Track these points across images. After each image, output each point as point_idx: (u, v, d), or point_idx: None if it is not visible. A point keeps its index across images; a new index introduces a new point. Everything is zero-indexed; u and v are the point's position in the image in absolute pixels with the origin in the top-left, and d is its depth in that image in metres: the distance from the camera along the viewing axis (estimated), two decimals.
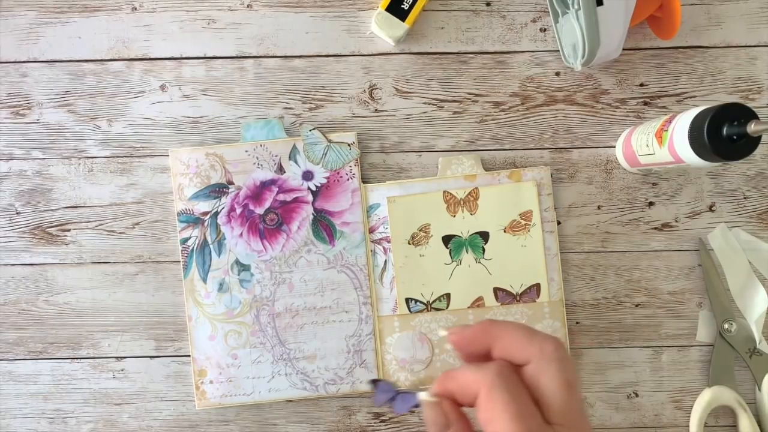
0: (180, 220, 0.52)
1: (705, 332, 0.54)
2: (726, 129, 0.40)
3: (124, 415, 0.53)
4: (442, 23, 0.54)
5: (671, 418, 0.54)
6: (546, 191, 0.53)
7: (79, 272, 0.53)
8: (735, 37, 0.54)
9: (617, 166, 0.54)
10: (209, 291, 0.52)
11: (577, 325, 0.54)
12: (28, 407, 0.53)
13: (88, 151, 0.53)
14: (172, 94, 0.53)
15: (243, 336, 0.52)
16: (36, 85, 0.53)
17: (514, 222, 0.53)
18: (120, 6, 0.53)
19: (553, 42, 0.54)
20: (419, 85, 0.54)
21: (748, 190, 0.54)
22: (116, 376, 0.53)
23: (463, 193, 0.53)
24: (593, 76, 0.54)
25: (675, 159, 0.45)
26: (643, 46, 0.54)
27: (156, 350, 0.53)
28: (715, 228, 0.53)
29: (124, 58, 0.53)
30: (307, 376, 0.52)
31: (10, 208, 0.53)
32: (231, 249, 0.52)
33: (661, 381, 0.54)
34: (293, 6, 0.54)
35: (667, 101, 0.54)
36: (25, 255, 0.53)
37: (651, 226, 0.54)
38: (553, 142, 0.54)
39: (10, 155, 0.53)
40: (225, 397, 0.52)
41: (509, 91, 0.54)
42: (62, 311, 0.53)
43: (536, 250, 0.53)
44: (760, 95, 0.54)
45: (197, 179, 0.52)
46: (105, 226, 0.53)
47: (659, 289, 0.54)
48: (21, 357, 0.53)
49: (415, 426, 0.54)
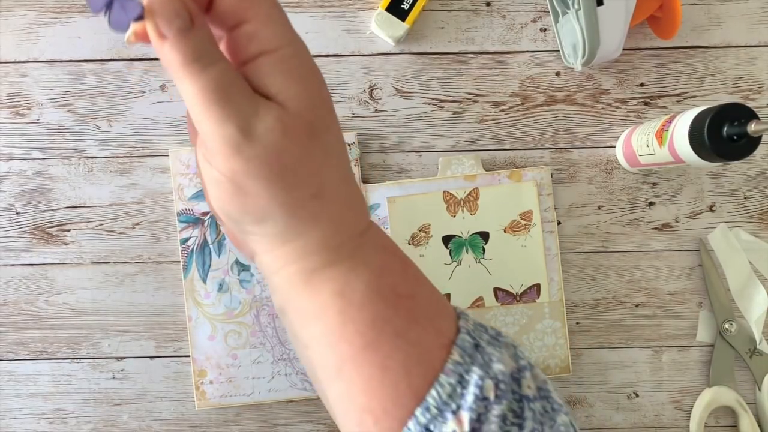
0: (180, 220, 0.52)
1: (705, 332, 0.54)
2: (726, 129, 0.40)
3: (123, 415, 0.53)
4: (442, 23, 0.54)
5: (671, 418, 0.54)
6: (546, 191, 0.53)
7: (78, 272, 0.53)
8: (735, 37, 0.54)
9: (617, 166, 0.54)
10: (209, 291, 0.52)
11: (577, 325, 0.54)
12: (28, 407, 0.53)
13: (88, 151, 0.53)
14: (172, 93, 0.53)
15: (243, 336, 0.52)
16: (36, 85, 0.53)
17: (514, 222, 0.53)
18: None
19: (553, 42, 0.54)
20: (419, 85, 0.54)
21: (749, 190, 0.54)
22: (116, 377, 0.53)
23: (463, 193, 0.53)
24: (593, 76, 0.54)
25: (675, 159, 0.45)
26: (643, 46, 0.54)
27: (156, 350, 0.53)
28: (716, 228, 0.53)
29: (124, 58, 0.53)
30: (307, 376, 0.52)
31: (10, 208, 0.53)
32: (231, 249, 0.52)
33: (661, 381, 0.54)
34: (293, 6, 0.54)
35: (668, 101, 0.54)
36: (25, 255, 0.53)
37: (651, 227, 0.54)
38: (554, 142, 0.54)
39: (10, 155, 0.53)
40: (225, 398, 0.52)
41: (509, 91, 0.54)
42: (62, 311, 0.53)
43: (536, 250, 0.53)
44: (761, 95, 0.54)
45: (197, 179, 0.52)
46: (105, 226, 0.53)
47: (659, 290, 0.54)
48: (21, 357, 0.53)
49: None
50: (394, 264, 0.28)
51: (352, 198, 0.27)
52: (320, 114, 0.25)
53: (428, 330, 0.27)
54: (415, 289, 0.28)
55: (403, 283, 0.28)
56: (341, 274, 0.27)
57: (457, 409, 0.25)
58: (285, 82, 0.24)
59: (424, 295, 0.28)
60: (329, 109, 0.26)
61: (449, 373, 0.26)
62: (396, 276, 0.28)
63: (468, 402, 0.25)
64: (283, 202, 0.25)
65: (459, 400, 0.25)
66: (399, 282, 0.27)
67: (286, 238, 0.26)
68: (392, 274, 0.28)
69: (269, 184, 0.24)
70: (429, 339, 0.27)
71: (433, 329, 0.27)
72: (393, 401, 0.26)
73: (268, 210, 0.25)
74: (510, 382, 0.27)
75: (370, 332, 0.26)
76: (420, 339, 0.26)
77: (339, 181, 0.26)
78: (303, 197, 0.25)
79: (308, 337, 0.27)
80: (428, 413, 0.25)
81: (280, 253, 0.27)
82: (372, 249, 0.28)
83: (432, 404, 0.25)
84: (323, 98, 0.26)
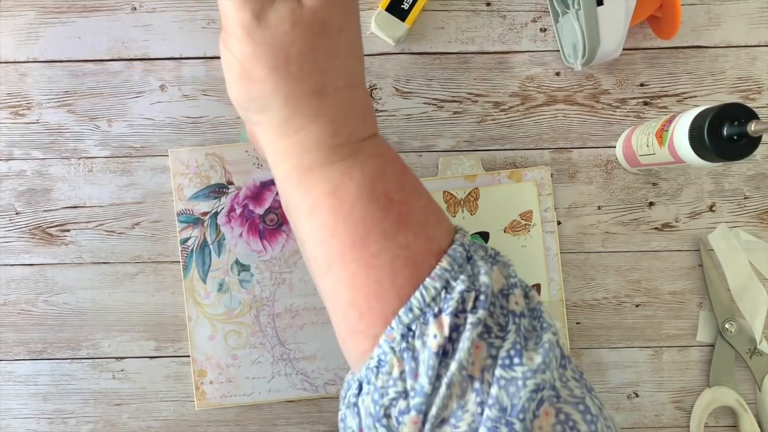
0: (180, 220, 0.52)
1: (705, 332, 0.54)
2: (726, 129, 0.40)
3: (123, 415, 0.53)
4: (442, 23, 0.54)
5: (671, 418, 0.54)
6: (546, 191, 0.53)
7: (78, 272, 0.53)
8: (735, 37, 0.54)
9: (617, 166, 0.54)
10: (209, 291, 0.52)
11: (577, 325, 0.54)
12: (28, 407, 0.53)
13: (88, 151, 0.53)
14: (171, 94, 0.53)
15: (243, 336, 0.52)
16: (36, 85, 0.53)
17: (514, 222, 0.53)
18: (120, 6, 0.53)
19: (553, 42, 0.54)
20: (419, 85, 0.54)
21: (749, 190, 0.54)
22: (116, 377, 0.53)
23: (463, 193, 0.53)
24: (593, 76, 0.54)
25: (675, 159, 0.45)
26: (643, 46, 0.54)
27: (156, 350, 0.53)
28: (716, 228, 0.53)
29: (124, 58, 0.53)
30: (307, 376, 0.52)
31: (10, 208, 0.53)
32: (231, 249, 0.52)
33: (661, 381, 0.54)
34: None
35: (668, 101, 0.54)
36: (24, 255, 0.53)
37: (651, 227, 0.54)
38: (554, 142, 0.54)
39: (10, 155, 0.53)
40: (225, 398, 0.52)
41: (509, 91, 0.54)
42: (62, 311, 0.53)
43: (536, 250, 0.53)
44: (761, 95, 0.54)
45: (197, 179, 0.52)
46: (105, 227, 0.53)
47: (659, 290, 0.54)
48: (21, 357, 0.53)
49: None
50: (392, 172, 0.29)
51: (355, 104, 0.28)
52: (334, 14, 0.26)
53: (419, 236, 0.28)
54: (410, 197, 0.29)
55: (398, 190, 0.28)
56: (336, 175, 0.28)
57: (439, 312, 0.26)
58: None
59: (420, 205, 0.29)
60: (348, 12, 0.27)
61: (435, 278, 0.27)
62: (391, 183, 0.28)
63: (450, 307, 0.26)
64: (284, 93, 0.26)
65: (441, 304, 0.26)
66: (393, 189, 0.28)
67: (286, 132, 0.28)
68: (387, 181, 0.28)
69: (272, 72, 0.26)
70: (419, 244, 0.27)
71: (425, 236, 0.28)
72: (377, 298, 0.27)
73: (270, 98, 0.27)
74: (496, 296, 0.27)
75: (359, 230, 0.27)
76: (408, 243, 0.27)
77: (343, 85, 0.27)
78: (303, 92, 0.26)
79: (304, 233, 0.29)
80: (411, 313, 0.26)
81: (281, 146, 0.28)
82: (371, 154, 0.28)
83: (415, 305, 0.26)
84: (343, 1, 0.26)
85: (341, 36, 0.27)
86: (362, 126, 0.29)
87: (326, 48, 0.26)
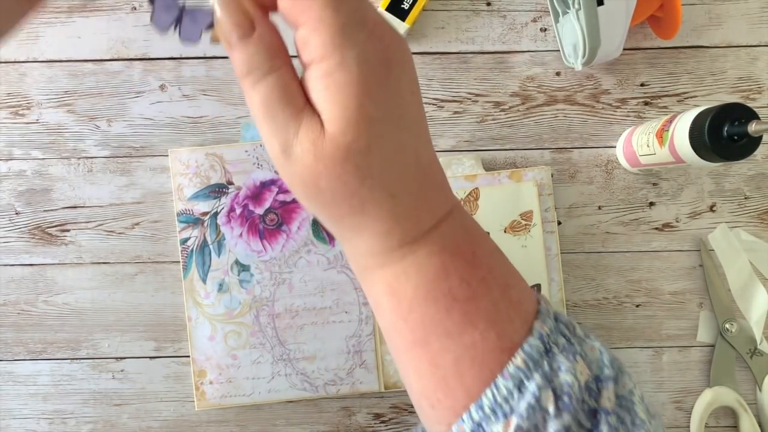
0: (180, 220, 0.52)
1: (706, 333, 0.54)
2: (727, 129, 0.40)
3: (123, 415, 0.53)
4: (442, 23, 0.54)
5: (672, 418, 0.54)
6: (546, 191, 0.53)
7: (78, 273, 0.53)
8: (736, 37, 0.54)
9: (618, 166, 0.54)
10: (209, 291, 0.52)
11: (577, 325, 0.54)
12: (28, 408, 0.53)
13: (88, 151, 0.53)
14: (171, 94, 0.53)
15: (243, 336, 0.52)
16: (35, 85, 0.53)
17: (514, 222, 0.53)
18: (120, 6, 0.53)
19: (553, 42, 0.54)
20: (419, 84, 0.54)
21: (749, 191, 0.54)
22: (116, 377, 0.53)
23: (464, 193, 0.53)
24: (594, 76, 0.54)
25: (676, 159, 0.45)
26: (643, 45, 0.54)
27: (156, 351, 0.53)
28: (716, 228, 0.53)
29: (124, 58, 0.53)
30: (307, 376, 0.52)
31: (10, 208, 0.53)
32: (231, 249, 0.52)
33: (661, 381, 0.54)
34: None
35: (668, 101, 0.54)
36: (24, 255, 0.53)
37: (652, 227, 0.54)
38: (554, 142, 0.54)
39: (10, 155, 0.53)
40: (225, 398, 0.52)
41: (510, 91, 0.54)
42: (62, 312, 0.53)
43: (537, 250, 0.53)
44: (761, 95, 0.54)
45: (197, 179, 0.52)
46: (105, 227, 0.53)
47: (660, 290, 0.54)
48: (21, 357, 0.53)
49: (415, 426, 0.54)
50: (457, 267, 0.27)
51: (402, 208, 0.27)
52: (359, 137, 0.24)
53: (488, 334, 0.27)
54: (478, 292, 0.27)
55: (463, 287, 0.27)
56: (392, 276, 0.27)
57: (510, 412, 0.25)
58: (325, 100, 0.24)
59: (491, 298, 0.27)
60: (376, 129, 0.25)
61: (508, 377, 0.26)
62: (454, 280, 0.27)
63: (520, 408, 0.25)
64: (324, 216, 0.26)
65: (513, 404, 0.25)
66: (457, 285, 0.27)
67: (339, 238, 0.28)
68: (450, 278, 0.27)
69: (307, 199, 0.26)
70: (487, 343, 0.27)
71: (495, 333, 0.27)
72: (445, 394, 0.27)
73: (316, 215, 0.27)
74: (581, 393, 0.26)
75: (419, 331, 0.27)
76: (475, 342, 0.26)
77: (383, 198, 0.26)
78: (342, 213, 0.26)
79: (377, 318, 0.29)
80: (482, 411, 0.26)
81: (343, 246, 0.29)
82: (431, 251, 0.27)
83: (486, 404, 0.26)
84: (368, 118, 0.24)
85: (371, 158, 0.25)
86: (417, 224, 0.27)
87: (354, 173, 0.25)
